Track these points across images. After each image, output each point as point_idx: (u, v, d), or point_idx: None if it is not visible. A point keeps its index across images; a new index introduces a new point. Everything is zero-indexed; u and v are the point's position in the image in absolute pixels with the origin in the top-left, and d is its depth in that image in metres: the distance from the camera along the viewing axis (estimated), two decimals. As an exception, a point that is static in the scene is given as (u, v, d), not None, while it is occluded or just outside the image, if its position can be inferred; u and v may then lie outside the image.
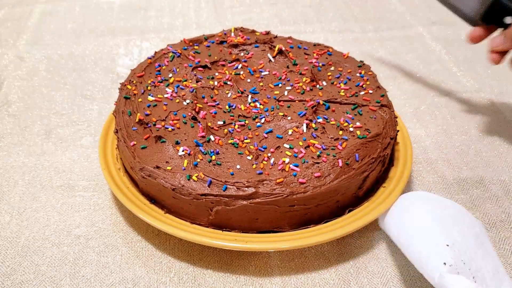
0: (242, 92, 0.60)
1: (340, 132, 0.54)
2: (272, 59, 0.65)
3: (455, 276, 0.42)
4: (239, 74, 0.63)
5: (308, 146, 0.52)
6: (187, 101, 0.58)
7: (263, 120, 0.56)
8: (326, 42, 0.92)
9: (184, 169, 0.50)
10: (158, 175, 0.50)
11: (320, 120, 0.55)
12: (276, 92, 0.60)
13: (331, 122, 0.55)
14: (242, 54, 0.67)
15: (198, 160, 0.51)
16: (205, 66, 0.64)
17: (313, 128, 0.54)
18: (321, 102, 0.57)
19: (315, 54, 0.66)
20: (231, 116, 0.57)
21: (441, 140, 0.69)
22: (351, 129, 0.54)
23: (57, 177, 0.62)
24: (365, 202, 0.54)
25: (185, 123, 0.55)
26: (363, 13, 1.04)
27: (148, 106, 0.57)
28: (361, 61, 0.65)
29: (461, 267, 0.43)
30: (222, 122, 0.56)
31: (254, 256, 0.52)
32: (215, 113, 0.57)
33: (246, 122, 0.56)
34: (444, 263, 0.43)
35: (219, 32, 0.70)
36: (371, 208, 0.52)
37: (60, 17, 1.01)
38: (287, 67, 0.64)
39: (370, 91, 0.60)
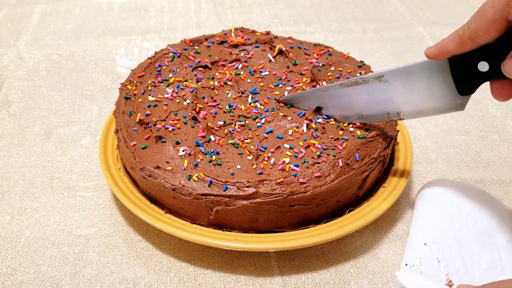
0: (242, 92, 0.60)
1: (340, 132, 0.54)
2: (272, 59, 0.65)
3: (412, 275, 0.44)
4: (239, 74, 0.63)
5: (308, 146, 0.52)
6: (188, 101, 0.58)
7: (263, 120, 0.56)
8: (326, 42, 0.92)
9: (185, 169, 0.50)
10: (159, 175, 0.50)
11: (320, 120, 0.55)
12: (276, 93, 0.60)
13: (331, 122, 0.55)
14: (242, 54, 0.67)
15: (199, 160, 0.51)
16: (205, 66, 0.64)
17: (313, 128, 0.54)
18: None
19: (315, 54, 0.66)
20: (231, 116, 0.57)
21: (441, 140, 0.69)
22: (351, 129, 0.54)
23: (57, 177, 0.62)
24: (365, 202, 0.54)
25: (186, 123, 0.55)
26: (363, 13, 1.04)
27: (149, 106, 0.57)
28: (361, 61, 0.65)
29: (430, 266, 0.46)
30: (222, 122, 0.56)
31: (254, 256, 0.52)
32: (216, 113, 0.57)
33: (247, 122, 0.56)
34: (406, 264, 0.46)
35: (219, 32, 0.70)
36: (371, 208, 0.52)
37: (60, 17, 1.01)
38: (287, 67, 0.64)
39: (370, 91, 0.60)
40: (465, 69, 0.45)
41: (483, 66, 0.43)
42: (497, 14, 0.38)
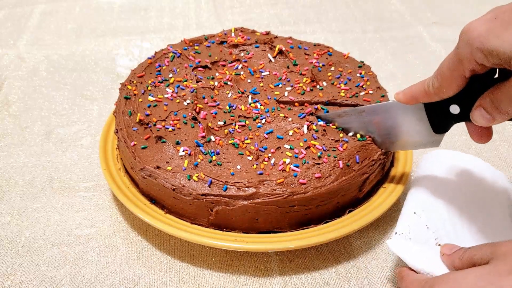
0: (242, 93, 0.60)
1: (341, 135, 0.54)
2: (272, 59, 0.65)
3: (401, 242, 0.47)
4: (239, 74, 0.63)
5: (309, 147, 0.52)
6: (188, 101, 0.58)
7: (263, 121, 0.56)
8: (326, 42, 0.92)
9: (185, 169, 0.50)
10: (159, 175, 0.50)
11: (321, 122, 0.55)
12: (276, 93, 0.60)
13: (332, 126, 0.55)
14: (242, 54, 0.67)
15: (199, 160, 0.51)
16: (205, 66, 0.64)
17: (314, 130, 0.54)
18: (320, 107, 0.57)
19: (315, 54, 0.66)
20: (231, 116, 0.57)
21: (441, 140, 0.69)
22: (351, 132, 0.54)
23: (57, 177, 0.62)
24: (365, 202, 0.54)
25: (186, 123, 0.55)
26: (363, 13, 1.04)
27: (149, 106, 0.57)
28: (361, 62, 0.65)
29: (419, 232, 0.48)
30: (222, 123, 0.56)
31: (254, 256, 0.52)
32: (216, 114, 0.57)
33: (247, 122, 0.56)
34: (396, 233, 0.48)
35: (219, 32, 0.70)
36: (371, 209, 0.52)
37: (60, 17, 1.01)
38: (287, 67, 0.64)
39: (371, 92, 0.60)
40: (438, 111, 0.47)
41: (455, 109, 0.45)
42: (454, 73, 0.40)
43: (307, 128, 0.54)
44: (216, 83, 0.61)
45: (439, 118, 0.47)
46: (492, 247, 0.39)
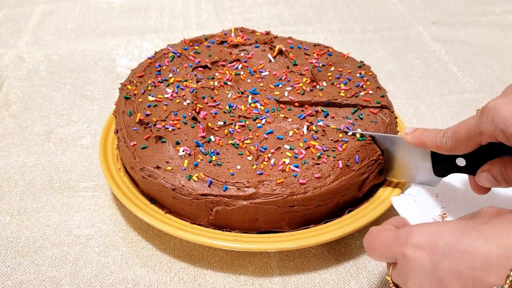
0: (242, 93, 0.60)
1: (340, 135, 0.54)
2: (272, 60, 0.65)
3: (404, 201, 0.48)
4: (239, 74, 0.63)
5: (309, 147, 0.52)
6: (188, 101, 0.58)
7: (263, 121, 0.56)
8: (326, 42, 0.92)
9: (185, 169, 0.50)
10: (159, 175, 0.50)
11: (320, 123, 0.55)
12: (276, 93, 0.60)
13: (332, 126, 0.55)
14: (242, 54, 0.67)
15: (199, 160, 0.51)
16: (205, 66, 0.64)
17: (314, 130, 0.54)
18: (320, 110, 0.57)
19: (315, 55, 0.66)
20: (231, 116, 0.57)
21: (441, 140, 0.69)
22: (350, 132, 0.54)
23: (57, 177, 0.62)
24: (365, 202, 0.54)
25: (186, 123, 0.55)
26: (363, 13, 1.04)
27: (149, 106, 0.57)
28: (361, 62, 0.65)
29: (426, 197, 0.49)
30: (222, 123, 0.56)
31: (254, 256, 0.52)
32: (216, 114, 0.57)
33: (247, 122, 0.56)
34: (403, 193, 0.50)
35: (219, 32, 0.70)
36: (371, 209, 0.52)
37: (60, 17, 1.01)
38: (287, 67, 0.64)
39: (370, 92, 0.60)
40: (444, 159, 0.47)
41: (461, 162, 0.46)
42: (471, 140, 0.41)
43: (307, 129, 0.54)
44: (216, 83, 0.61)
45: (443, 165, 0.48)
46: (477, 211, 0.40)
